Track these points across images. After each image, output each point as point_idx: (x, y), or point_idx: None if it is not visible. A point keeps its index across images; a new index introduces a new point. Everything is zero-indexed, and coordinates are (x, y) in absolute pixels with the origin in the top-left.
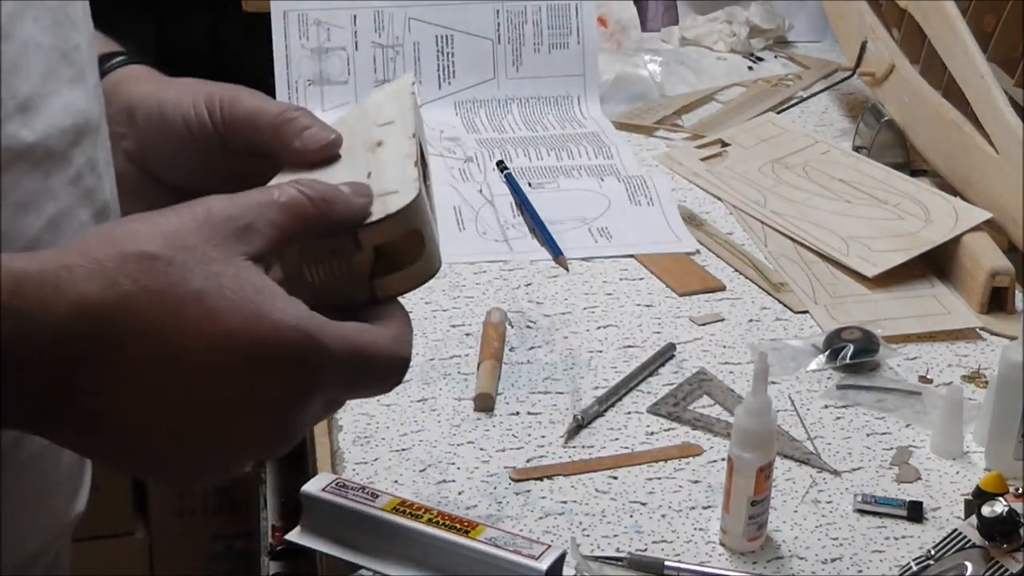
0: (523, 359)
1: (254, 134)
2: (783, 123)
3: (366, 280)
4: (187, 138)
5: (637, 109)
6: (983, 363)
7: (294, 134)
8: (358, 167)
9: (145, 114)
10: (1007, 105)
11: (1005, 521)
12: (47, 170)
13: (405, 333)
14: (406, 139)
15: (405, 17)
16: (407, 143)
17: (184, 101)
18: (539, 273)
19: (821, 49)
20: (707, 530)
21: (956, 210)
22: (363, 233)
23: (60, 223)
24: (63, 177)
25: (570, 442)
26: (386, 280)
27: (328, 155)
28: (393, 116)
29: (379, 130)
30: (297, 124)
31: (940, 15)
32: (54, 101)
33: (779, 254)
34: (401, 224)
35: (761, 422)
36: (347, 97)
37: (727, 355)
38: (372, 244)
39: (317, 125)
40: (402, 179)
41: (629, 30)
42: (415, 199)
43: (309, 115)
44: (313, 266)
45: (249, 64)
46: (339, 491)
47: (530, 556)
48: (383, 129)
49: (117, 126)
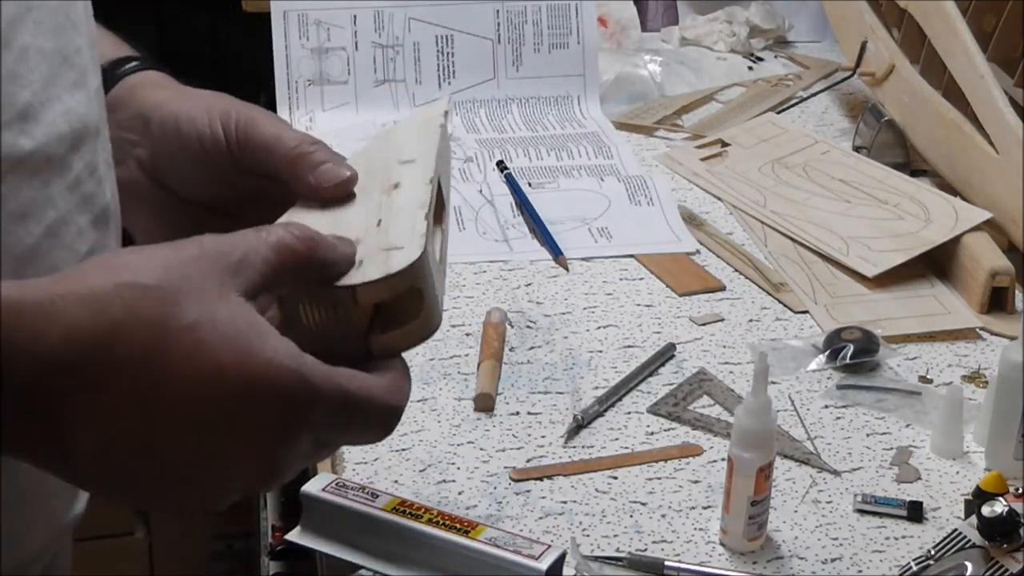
0: (523, 359)
1: (268, 160)
2: (783, 123)
3: (363, 336)
4: (200, 153)
5: (637, 109)
6: (983, 363)
7: (309, 168)
8: (370, 211)
9: (160, 125)
10: (1007, 105)
11: (1005, 521)
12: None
13: (401, 385)
14: (423, 184)
15: (405, 17)
16: (423, 190)
17: (199, 116)
18: (539, 273)
19: (821, 49)
20: (707, 530)
21: (956, 210)
22: (361, 291)
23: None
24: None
25: (570, 442)
26: (382, 338)
27: (342, 193)
28: (415, 154)
29: (398, 169)
30: (313, 159)
31: (940, 15)
32: (54, 107)
33: (779, 254)
34: (400, 283)
35: (761, 422)
36: (347, 97)
37: (727, 355)
38: (370, 302)
39: (333, 161)
40: (410, 233)
41: (629, 30)
42: (418, 259)
43: (326, 149)
44: (311, 313)
45: (249, 64)
46: (339, 491)
47: (530, 556)
48: (403, 168)
49: (130, 133)
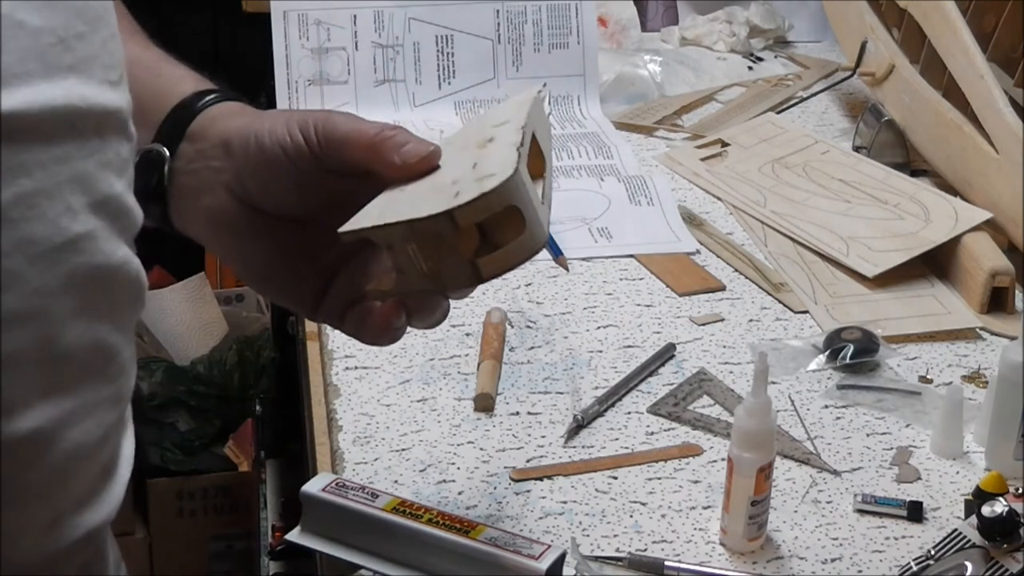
0: (523, 359)
1: (351, 154)
2: (783, 123)
3: (471, 261)
4: (285, 163)
5: (637, 109)
6: (983, 363)
7: (393, 150)
8: (464, 162)
9: (242, 144)
10: (1007, 105)
11: (1005, 521)
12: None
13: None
14: (515, 132)
15: (405, 17)
16: (514, 134)
17: (278, 128)
18: (539, 273)
19: (821, 49)
20: (707, 530)
21: (956, 210)
22: (459, 213)
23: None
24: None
25: (570, 442)
26: (488, 258)
27: (428, 167)
28: (509, 116)
29: (493, 129)
30: (395, 141)
31: (940, 15)
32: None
33: (779, 254)
34: (496, 201)
35: (761, 422)
36: (347, 97)
37: (727, 355)
38: (470, 223)
39: (414, 140)
40: (501, 163)
41: (629, 30)
42: (510, 177)
43: (405, 132)
44: (421, 253)
45: (249, 64)
46: (339, 491)
47: (530, 556)
48: (496, 128)
49: (214, 161)
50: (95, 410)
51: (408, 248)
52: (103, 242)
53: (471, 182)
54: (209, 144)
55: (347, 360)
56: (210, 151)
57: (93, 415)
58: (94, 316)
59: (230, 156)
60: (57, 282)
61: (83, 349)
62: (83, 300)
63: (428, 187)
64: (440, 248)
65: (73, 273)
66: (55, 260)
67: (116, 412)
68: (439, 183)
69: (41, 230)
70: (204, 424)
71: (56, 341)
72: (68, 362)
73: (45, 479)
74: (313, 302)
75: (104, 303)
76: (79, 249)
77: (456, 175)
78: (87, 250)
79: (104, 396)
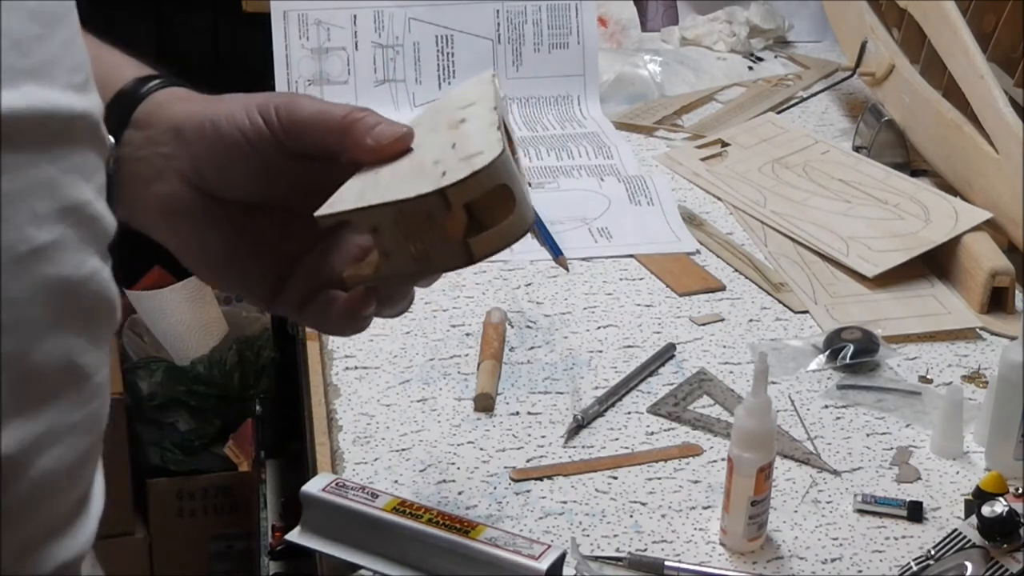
0: (523, 359)
1: (321, 137)
2: (783, 123)
3: (462, 242)
4: (244, 147)
5: (637, 109)
6: (983, 363)
7: (365, 132)
8: (441, 142)
9: (196, 130)
10: (1007, 105)
11: (1005, 521)
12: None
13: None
14: (488, 112)
15: (405, 17)
16: (489, 114)
17: (237, 112)
18: (539, 273)
19: (821, 49)
20: (707, 530)
21: (956, 210)
22: (451, 192)
23: None
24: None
25: (570, 442)
26: (480, 238)
27: (402, 147)
28: (475, 98)
29: (461, 111)
30: (366, 123)
31: (940, 15)
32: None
33: (779, 254)
34: (487, 180)
35: (761, 422)
36: (347, 97)
37: (727, 355)
38: (461, 202)
39: (386, 122)
40: (486, 141)
41: (629, 30)
42: (499, 155)
43: (375, 114)
44: (410, 235)
45: (249, 64)
46: (339, 491)
47: (530, 556)
48: (465, 110)
49: (164, 147)
50: (68, 435)
51: (396, 230)
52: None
53: (457, 161)
54: (157, 130)
55: (347, 360)
56: (159, 137)
57: (65, 441)
58: (66, 330)
59: (182, 142)
60: (26, 292)
61: (55, 367)
62: (54, 313)
63: (408, 168)
64: (430, 229)
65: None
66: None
67: (90, 440)
68: (420, 164)
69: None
70: (204, 424)
71: (27, 357)
72: (39, 380)
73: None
74: (271, 292)
75: (76, 317)
76: (46, 258)
77: (437, 156)
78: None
79: (77, 420)
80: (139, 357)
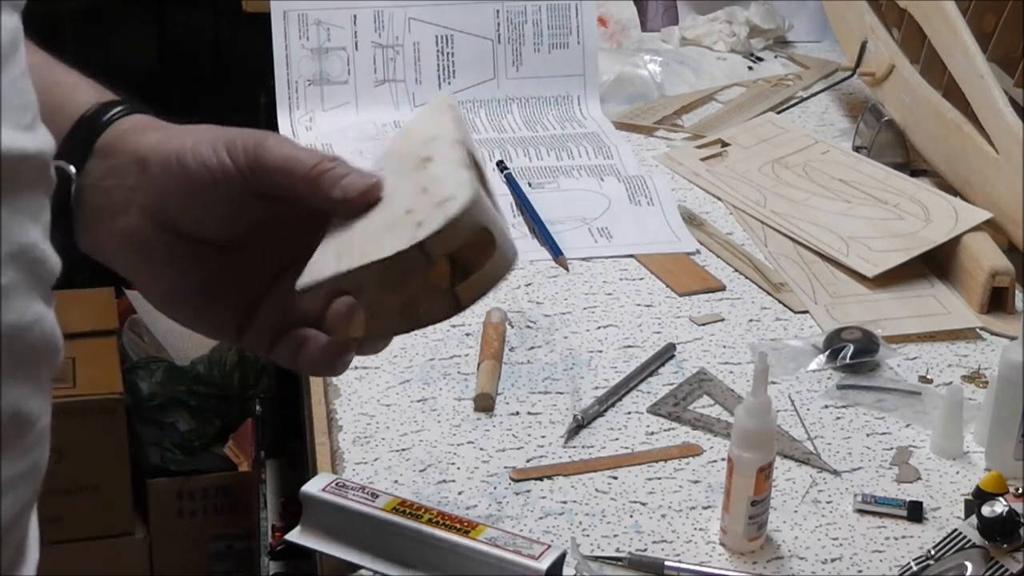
0: (523, 359)
1: (285, 182)
2: (783, 123)
3: (448, 290)
4: (210, 185)
5: (637, 109)
6: (983, 363)
7: (333, 184)
8: (413, 188)
9: (162, 163)
10: (1007, 105)
11: (1005, 521)
12: None
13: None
14: (452, 147)
15: (405, 17)
16: (453, 151)
17: (203, 148)
18: (539, 273)
19: (821, 49)
20: (707, 530)
21: (956, 210)
22: (430, 243)
23: None
24: None
25: (570, 442)
26: (466, 285)
27: (370, 199)
28: (436, 131)
29: (425, 147)
30: (334, 174)
31: (940, 15)
32: None
33: (779, 254)
34: (463, 226)
35: (761, 422)
36: (347, 97)
37: (727, 355)
38: (443, 253)
39: (354, 173)
40: (456, 183)
41: (629, 30)
42: (472, 198)
43: (344, 164)
44: (392, 293)
45: (249, 64)
46: (339, 491)
47: (530, 556)
48: (428, 145)
49: (127, 179)
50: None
51: (379, 289)
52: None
53: (430, 209)
54: (120, 161)
55: None
56: (122, 168)
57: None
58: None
59: (147, 175)
60: None
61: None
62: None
63: (381, 222)
64: (412, 284)
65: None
66: None
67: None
68: (392, 215)
69: None
70: (204, 424)
71: None
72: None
73: None
74: (237, 331)
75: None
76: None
77: (408, 204)
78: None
79: (20, 471)
80: (139, 357)
